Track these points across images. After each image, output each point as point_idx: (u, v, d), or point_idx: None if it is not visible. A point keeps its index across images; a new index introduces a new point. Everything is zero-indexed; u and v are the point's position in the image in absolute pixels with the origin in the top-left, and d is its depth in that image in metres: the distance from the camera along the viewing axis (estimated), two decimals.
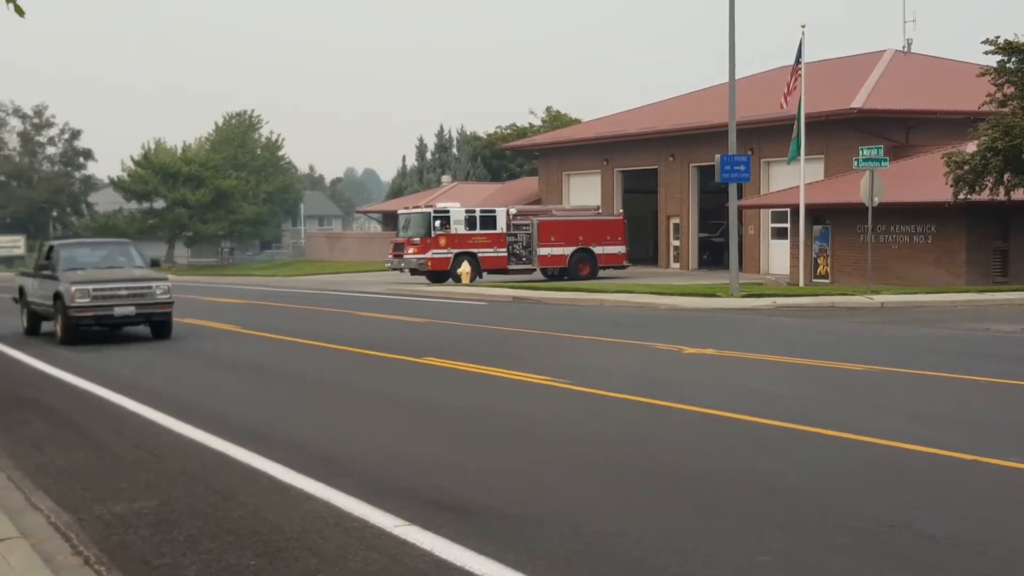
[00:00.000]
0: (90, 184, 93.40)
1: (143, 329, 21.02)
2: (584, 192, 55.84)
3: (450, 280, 42.00)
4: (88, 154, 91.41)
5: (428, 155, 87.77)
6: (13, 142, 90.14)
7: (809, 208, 35.76)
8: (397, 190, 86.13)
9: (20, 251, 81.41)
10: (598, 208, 48.32)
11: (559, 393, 12.93)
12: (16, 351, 19.31)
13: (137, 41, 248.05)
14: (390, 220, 71.93)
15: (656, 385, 13.39)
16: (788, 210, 39.63)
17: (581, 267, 43.64)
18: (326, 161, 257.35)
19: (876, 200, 30.15)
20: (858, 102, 41.18)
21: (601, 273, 43.61)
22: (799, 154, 34.86)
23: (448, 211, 43.28)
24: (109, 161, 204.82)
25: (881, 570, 6.23)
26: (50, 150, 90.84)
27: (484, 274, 42.72)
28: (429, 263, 41.84)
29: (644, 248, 54.57)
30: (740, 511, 7.49)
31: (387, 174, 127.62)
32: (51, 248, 21.92)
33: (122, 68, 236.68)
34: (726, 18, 30.57)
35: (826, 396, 12.62)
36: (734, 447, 9.72)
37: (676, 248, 51.08)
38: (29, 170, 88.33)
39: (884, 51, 50.06)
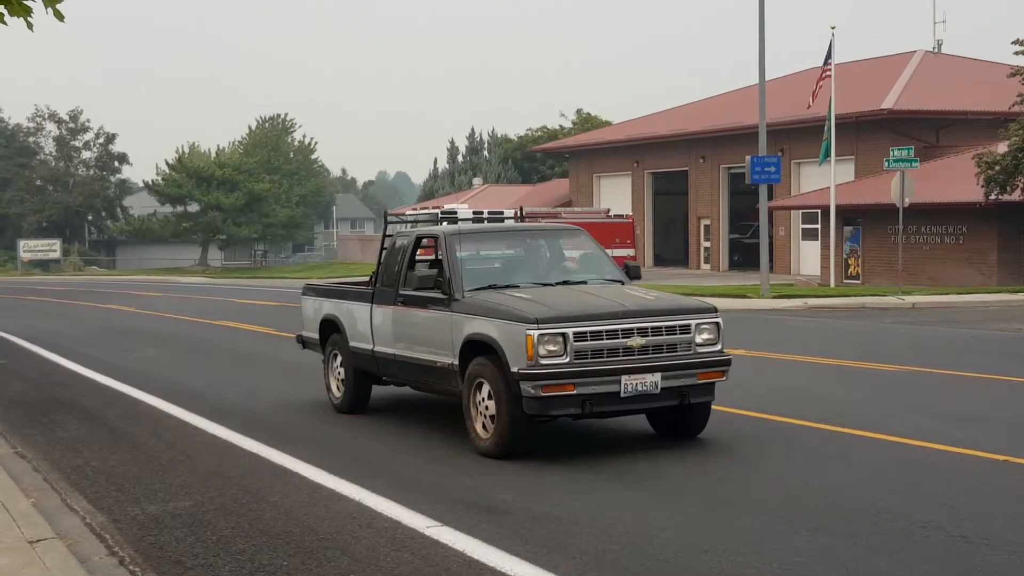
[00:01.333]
0: (125, 188, 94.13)
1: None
2: (614, 194, 55.75)
3: None
4: (123, 158, 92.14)
5: (459, 158, 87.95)
6: (49, 147, 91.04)
7: (840, 209, 35.57)
8: (429, 193, 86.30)
9: (56, 255, 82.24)
10: (608, 210, 48.17)
11: None
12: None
13: (170, 46, 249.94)
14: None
15: None
16: (819, 211, 39.46)
17: None
18: (358, 164, 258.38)
19: (907, 201, 29.98)
20: (888, 103, 40.93)
21: None
22: (830, 155, 34.71)
23: (456, 212, 43.03)
24: (144, 165, 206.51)
25: (913, 570, 6.21)
26: (85, 154, 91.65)
27: None
28: None
29: (675, 249, 54.44)
30: (771, 511, 7.49)
31: (419, 177, 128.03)
32: (420, 241, 11.56)
33: (156, 74, 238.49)
34: (756, 19, 30.46)
35: (857, 396, 12.57)
36: (764, 447, 9.71)
37: (706, 249, 50.95)
38: (65, 174, 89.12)
39: (914, 52, 49.74)
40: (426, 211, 44.93)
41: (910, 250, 33.91)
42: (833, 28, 34.29)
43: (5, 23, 7.07)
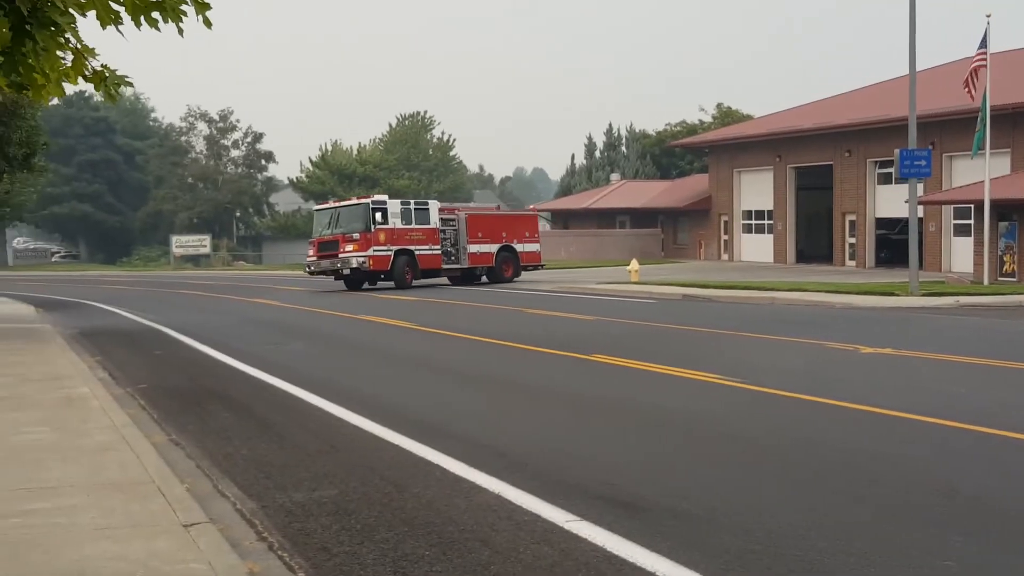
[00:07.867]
0: (271, 185, 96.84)
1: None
2: (755, 189, 54.95)
3: (376, 283, 39.31)
4: (269, 156, 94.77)
5: (597, 153, 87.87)
6: (200, 145, 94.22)
7: (994, 204, 34.33)
8: (566, 188, 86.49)
9: (206, 250, 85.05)
10: (498, 206, 47.76)
11: (730, 391, 12.77)
12: None
13: (313, 49, 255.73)
14: (559, 218, 72.23)
15: (830, 384, 13.08)
16: (972, 206, 38.15)
17: (505, 268, 41.83)
18: (495, 160, 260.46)
19: None
20: None
21: (523, 274, 42.43)
22: (982, 147, 33.51)
23: (385, 203, 39.33)
24: (288, 163, 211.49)
25: None
26: (234, 153, 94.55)
27: (421, 276, 39.69)
28: (371, 262, 37.82)
29: (818, 246, 53.35)
30: (921, 515, 7.26)
31: (556, 173, 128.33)
32: None
33: (301, 74, 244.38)
34: (907, 9, 29.62)
35: (1012, 398, 12.11)
36: (912, 449, 9.42)
37: (852, 245, 49.77)
38: (215, 172, 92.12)
39: None
40: (352, 202, 43.31)
41: None
42: (988, 16, 33.11)
43: (159, 29, 7.39)
